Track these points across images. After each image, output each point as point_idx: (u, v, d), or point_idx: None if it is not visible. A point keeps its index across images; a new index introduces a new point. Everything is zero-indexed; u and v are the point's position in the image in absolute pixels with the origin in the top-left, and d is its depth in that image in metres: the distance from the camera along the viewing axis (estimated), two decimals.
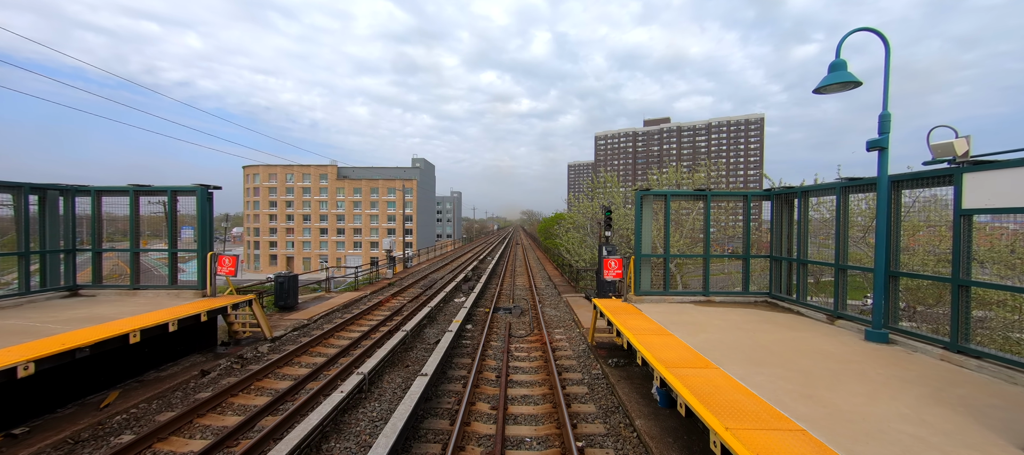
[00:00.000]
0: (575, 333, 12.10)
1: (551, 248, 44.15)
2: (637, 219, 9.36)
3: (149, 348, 8.14)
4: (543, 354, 10.11)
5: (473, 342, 11.18)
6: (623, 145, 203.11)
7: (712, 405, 4.04)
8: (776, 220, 9.20)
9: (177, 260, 9.89)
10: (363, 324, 13.09)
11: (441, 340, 10.03)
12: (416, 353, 10.17)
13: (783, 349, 5.92)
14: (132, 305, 8.70)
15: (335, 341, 11.18)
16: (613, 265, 9.40)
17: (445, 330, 11.83)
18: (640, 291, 9.36)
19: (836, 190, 7.38)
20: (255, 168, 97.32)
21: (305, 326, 12.43)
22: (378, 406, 7.17)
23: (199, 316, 8.30)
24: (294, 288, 14.13)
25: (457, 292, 19.30)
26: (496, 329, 12.76)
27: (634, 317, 7.86)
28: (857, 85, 6.03)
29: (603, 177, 24.13)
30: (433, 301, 15.53)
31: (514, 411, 7.18)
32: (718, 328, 7.07)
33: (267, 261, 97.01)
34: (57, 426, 6.10)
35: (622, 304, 9.04)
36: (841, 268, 7.31)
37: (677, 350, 5.78)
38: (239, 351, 9.78)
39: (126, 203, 9.78)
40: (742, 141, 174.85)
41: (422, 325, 12.40)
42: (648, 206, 9.51)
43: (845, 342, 6.25)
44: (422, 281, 23.17)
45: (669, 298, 9.37)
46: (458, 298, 17.89)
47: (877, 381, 4.78)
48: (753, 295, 9.38)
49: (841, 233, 7.28)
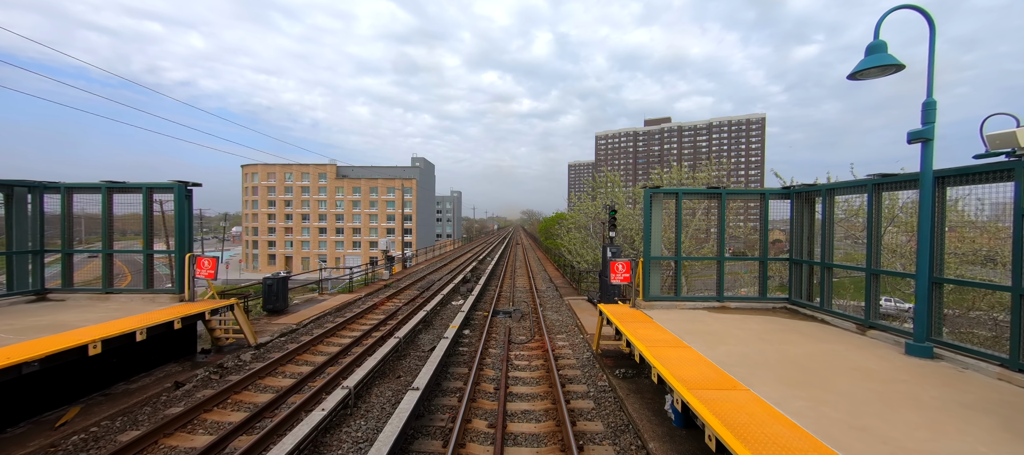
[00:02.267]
0: (578, 339, 11.45)
1: (552, 248, 43.50)
2: (646, 219, 8.71)
3: (118, 358, 7.50)
4: (545, 363, 9.46)
5: (470, 349, 10.53)
6: (624, 145, 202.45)
7: (750, 440, 3.39)
8: (796, 220, 8.55)
9: (152, 261, 9.23)
10: (355, 329, 12.43)
11: (436, 347, 9.39)
12: (409, 362, 9.52)
13: (816, 365, 5.27)
14: (101, 311, 8.06)
15: (324, 348, 10.53)
16: (620, 268, 8.76)
17: (441, 336, 11.19)
18: (649, 296, 8.72)
19: (867, 187, 6.72)
20: (253, 167, 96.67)
21: (293, 331, 11.78)
22: (364, 424, 6.52)
23: (172, 323, 7.65)
24: (284, 291, 13.49)
25: (455, 294, 18.64)
26: (495, 334, 12.11)
27: (645, 326, 7.21)
28: (899, 68, 5.38)
29: (606, 175, 23.47)
30: (430, 304, 14.89)
31: (514, 429, 6.53)
32: (739, 339, 6.42)
33: (266, 261, 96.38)
34: (2, 449, 5.45)
35: (630, 311, 8.39)
36: (873, 273, 6.66)
37: (697, 366, 5.13)
38: (220, 359, 9.13)
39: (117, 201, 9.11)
40: (743, 141, 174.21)
41: (417, 331, 11.75)
42: (657, 205, 8.86)
43: (884, 357, 5.59)
44: (420, 283, 22.52)
45: (680, 304, 8.72)
46: (456, 301, 17.24)
47: (934, 407, 4.13)
48: (771, 301, 8.73)
49: (873, 234, 6.63)
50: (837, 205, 13.50)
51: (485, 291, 19.63)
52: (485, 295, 18.83)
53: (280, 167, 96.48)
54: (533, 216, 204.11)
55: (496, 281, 23.53)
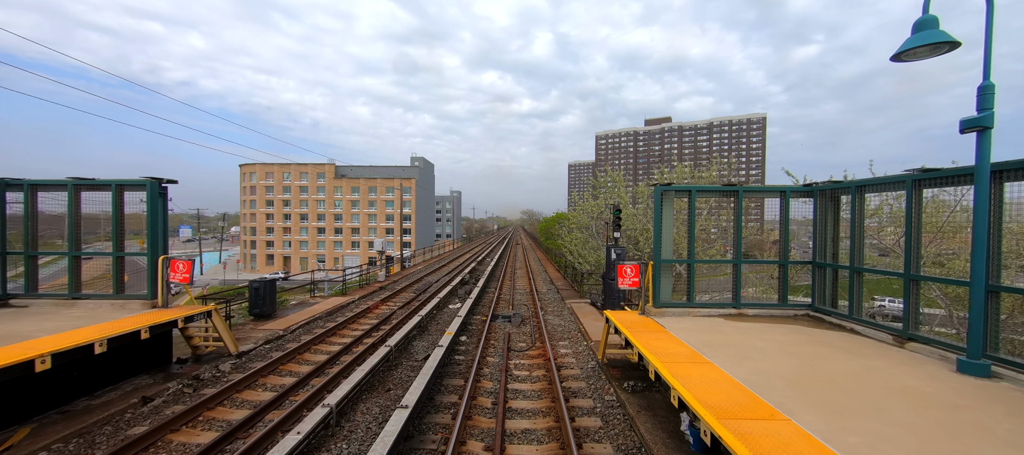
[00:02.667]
0: (582, 347, 10.77)
1: (552, 249, 42.83)
2: (657, 219, 8.04)
3: (78, 372, 6.83)
4: (547, 374, 8.79)
5: (467, 358, 9.86)
6: (624, 145, 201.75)
7: None
8: (820, 220, 7.88)
9: (123, 264, 8.56)
10: (346, 335, 11.76)
11: (430, 355, 8.72)
12: (401, 372, 8.85)
13: (860, 386, 4.60)
14: (62, 319, 7.38)
15: (311, 356, 9.86)
16: (629, 272, 8.09)
17: (435, 343, 10.52)
18: (660, 302, 8.04)
19: (906, 184, 6.05)
20: (251, 167, 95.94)
21: (280, 338, 11.10)
22: (347, 447, 5.85)
23: (138, 333, 6.97)
24: (271, 294, 12.81)
25: (453, 297, 17.97)
26: (494, 341, 11.43)
27: (657, 336, 6.54)
28: (953, 46, 4.71)
29: (608, 174, 22.79)
30: (425, 307, 14.22)
31: (513, 453, 5.86)
32: (765, 353, 5.75)
33: (264, 261, 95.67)
34: None
35: (640, 318, 7.72)
36: (912, 279, 5.98)
37: (724, 388, 4.46)
38: (196, 370, 8.46)
39: (107, 200, 8.37)
40: (744, 141, 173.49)
41: (411, 337, 11.07)
42: (669, 204, 8.19)
43: (934, 376, 4.92)
44: (416, 284, 21.84)
45: (694, 311, 8.05)
46: (453, 304, 16.57)
47: (1016, 445, 3.46)
48: (792, 307, 8.06)
49: (913, 236, 5.96)
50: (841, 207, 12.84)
51: (484, 293, 18.96)
52: (484, 298, 18.16)
53: (278, 166, 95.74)
54: (533, 216, 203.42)
55: (495, 283, 22.86)
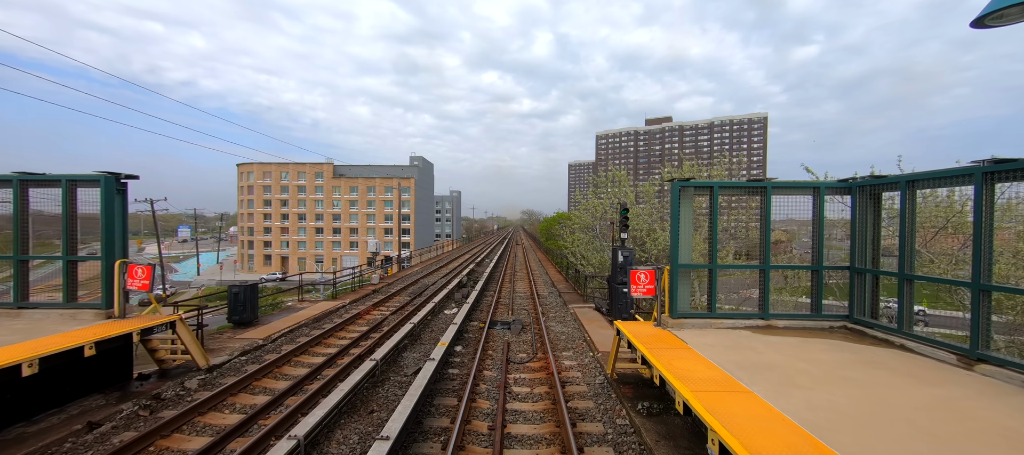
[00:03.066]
0: (588, 358, 9.87)
1: (553, 249, 41.94)
2: (674, 218, 7.13)
3: (12, 394, 5.93)
4: (550, 392, 7.89)
5: (461, 373, 8.95)
6: (625, 144, 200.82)
7: None
8: (859, 220, 6.98)
9: (76, 269, 7.64)
10: (331, 345, 10.85)
11: (421, 369, 7.83)
12: (387, 390, 7.94)
13: (945, 427, 3.70)
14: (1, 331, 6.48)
15: (290, 370, 8.95)
16: (643, 278, 7.18)
17: (428, 355, 9.63)
18: (678, 313, 7.14)
19: (975, 177, 5.14)
20: (249, 166, 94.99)
21: (258, 348, 10.19)
22: None
23: (82, 349, 6.07)
24: (252, 300, 11.91)
25: (449, 301, 17.06)
26: (491, 352, 10.53)
27: (681, 355, 5.63)
28: None
29: (611, 172, 21.89)
30: (420, 313, 13.32)
31: None
32: (814, 378, 4.84)
33: (261, 261, 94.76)
34: None
35: (656, 332, 6.81)
36: (982, 289, 5.08)
37: (776, 429, 3.55)
38: (159, 388, 7.56)
39: (96, 199, 7.42)
40: (745, 140, 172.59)
41: (401, 348, 10.17)
42: (687, 202, 7.28)
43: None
44: (412, 287, 20.93)
45: (716, 323, 7.14)
46: (449, 309, 15.67)
47: None
48: (827, 318, 7.15)
49: (983, 240, 5.06)
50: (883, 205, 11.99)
51: (482, 297, 18.06)
52: (482, 302, 17.26)
53: (276, 166, 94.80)
54: (533, 216, 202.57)
55: (494, 285, 21.95)
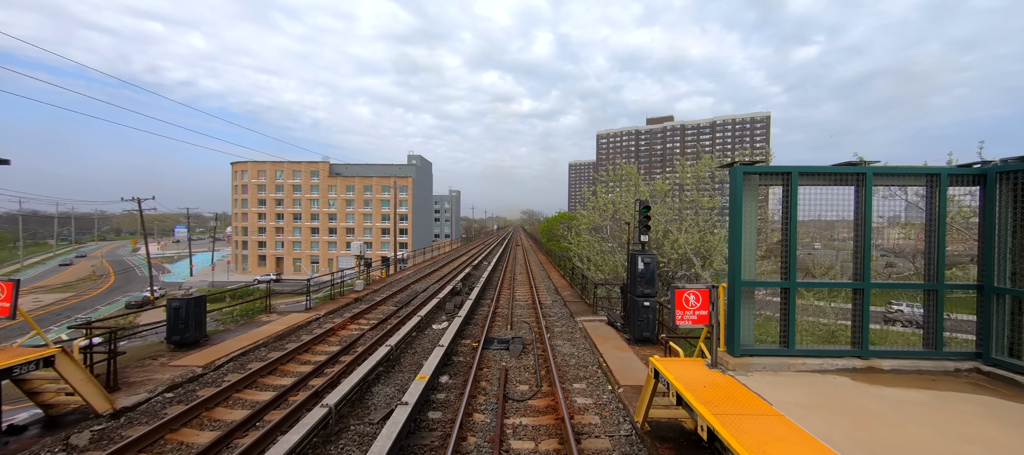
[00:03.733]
0: (606, 394, 7.86)
1: (555, 250, 39.94)
2: (735, 217, 5.13)
3: None
4: (562, 448, 5.88)
5: (445, 419, 6.92)
6: (626, 144, 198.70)
7: None
8: (999, 219, 4.97)
9: None
10: (289, 372, 8.84)
11: (391, 416, 5.84)
12: (343, 448, 5.93)
13: None
14: None
15: (224, 412, 6.93)
16: (693, 301, 5.18)
17: (405, 388, 7.63)
18: (741, 348, 5.12)
19: None
20: (243, 165, 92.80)
21: (195, 379, 8.17)
22: None
23: None
24: (198, 316, 9.88)
25: (439, 312, 15.05)
26: (485, 384, 8.51)
27: (767, 427, 3.63)
28: None
29: (622, 168, 19.87)
30: (405, 327, 11.32)
31: None
32: None
33: (256, 262, 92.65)
34: None
35: (713, 377, 4.81)
36: None
37: None
38: (32, 446, 5.58)
39: None
40: (747, 140, 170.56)
41: (370, 381, 8.14)
42: (752, 195, 5.28)
43: None
44: (400, 294, 18.90)
45: (794, 362, 5.13)
46: (439, 322, 13.65)
47: None
48: (952, 358, 5.13)
49: None
50: (950, 202, 9.90)
51: (478, 306, 16.04)
52: (477, 312, 15.24)
53: (271, 165, 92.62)
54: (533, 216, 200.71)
55: (492, 291, 19.91)
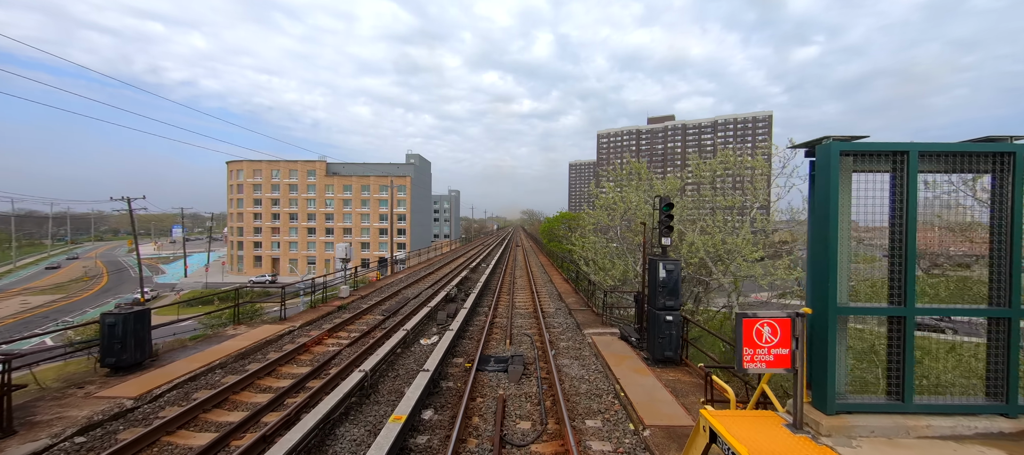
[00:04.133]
0: (628, 436, 6.32)
1: (556, 251, 38.44)
2: (826, 213, 3.63)
3: None
4: None
5: None
6: (626, 143, 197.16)
7: None
8: None
9: None
10: (240, 404, 7.29)
11: None
12: None
13: None
14: None
15: None
16: (768, 335, 3.65)
17: (376, 427, 6.10)
18: (834, 404, 3.59)
19: None
20: (239, 164, 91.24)
21: (119, 416, 6.62)
22: None
23: None
24: (139, 334, 8.33)
25: (430, 323, 13.52)
26: (477, 421, 6.96)
27: None
28: None
29: (630, 165, 18.34)
30: (390, 341, 9.80)
31: None
32: None
33: (251, 262, 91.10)
34: None
35: (800, 445, 3.28)
36: None
37: None
38: None
39: None
40: (749, 140, 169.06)
41: (335, 419, 6.59)
42: (847, 185, 3.77)
43: None
44: (390, 301, 17.36)
45: (914, 423, 3.60)
46: (429, 337, 12.12)
47: None
48: None
49: None
50: None
51: (473, 315, 14.51)
52: (472, 323, 13.71)
53: (267, 164, 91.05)
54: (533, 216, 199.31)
55: (490, 297, 18.36)
